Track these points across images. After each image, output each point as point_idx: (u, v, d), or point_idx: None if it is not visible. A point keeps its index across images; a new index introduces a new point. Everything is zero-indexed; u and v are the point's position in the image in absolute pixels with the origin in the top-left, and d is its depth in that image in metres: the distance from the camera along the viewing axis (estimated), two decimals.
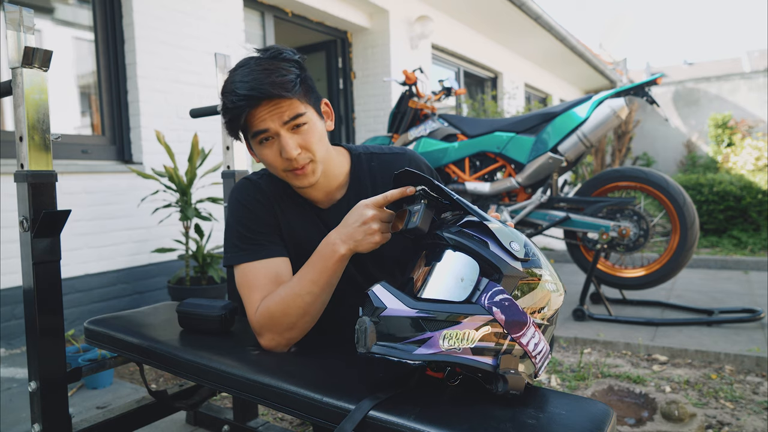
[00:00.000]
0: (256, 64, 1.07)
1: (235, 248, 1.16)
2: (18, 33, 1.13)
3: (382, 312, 0.83)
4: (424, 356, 0.82)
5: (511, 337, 0.83)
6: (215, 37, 3.85)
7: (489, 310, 0.82)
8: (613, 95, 3.07)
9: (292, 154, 1.07)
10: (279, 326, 1.08)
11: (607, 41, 16.03)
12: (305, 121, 1.08)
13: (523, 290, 0.84)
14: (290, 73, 1.06)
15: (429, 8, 6.30)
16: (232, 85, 1.06)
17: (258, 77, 1.04)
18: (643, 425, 1.76)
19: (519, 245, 0.85)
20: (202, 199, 3.10)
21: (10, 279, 2.76)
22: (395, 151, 1.27)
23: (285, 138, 1.07)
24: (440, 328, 0.82)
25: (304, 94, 1.09)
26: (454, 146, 3.45)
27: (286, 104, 1.06)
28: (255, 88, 1.03)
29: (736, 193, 5.76)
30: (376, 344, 0.84)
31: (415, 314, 0.82)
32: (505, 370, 0.83)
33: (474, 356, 0.82)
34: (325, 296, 1.08)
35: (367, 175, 1.23)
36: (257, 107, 1.05)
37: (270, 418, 1.88)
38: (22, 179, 1.16)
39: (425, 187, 0.96)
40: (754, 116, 10.42)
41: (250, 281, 1.13)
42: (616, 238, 3.02)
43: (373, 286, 0.87)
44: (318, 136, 1.11)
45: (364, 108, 5.85)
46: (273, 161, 1.10)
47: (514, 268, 0.84)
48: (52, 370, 1.20)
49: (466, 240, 0.87)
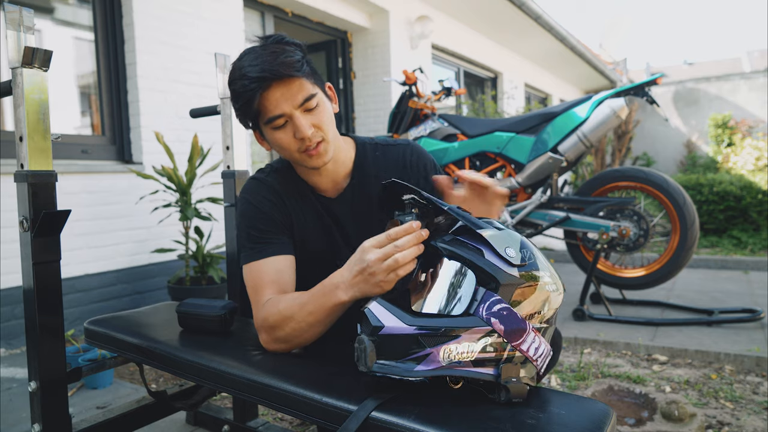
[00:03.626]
0: (261, 49, 1.08)
1: (244, 248, 1.18)
2: (18, 33, 1.13)
3: (380, 331, 0.83)
4: (425, 372, 0.82)
5: (511, 345, 0.83)
6: (215, 37, 3.85)
7: (487, 321, 0.81)
8: (613, 95, 3.07)
9: (307, 133, 1.08)
10: (272, 336, 1.09)
11: (607, 41, 16.06)
12: (317, 102, 1.10)
13: (521, 297, 0.84)
14: (296, 54, 1.08)
15: (429, 8, 6.29)
16: (241, 71, 1.07)
17: (266, 59, 1.05)
18: (643, 425, 1.76)
19: (515, 250, 0.84)
20: (201, 199, 3.10)
21: (10, 279, 2.76)
22: (399, 143, 1.29)
23: (299, 118, 1.08)
24: (439, 344, 0.81)
25: (311, 75, 1.11)
26: (454, 146, 3.45)
27: (296, 86, 1.07)
28: (265, 70, 1.04)
29: (736, 193, 5.76)
30: (376, 363, 0.84)
31: (414, 331, 0.82)
32: (507, 379, 0.83)
33: (475, 368, 0.83)
34: (322, 328, 1.05)
35: (371, 165, 1.25)
36: (269, 90, 1.06)
37: (270, 418, 1.87)
38: (22, 179, 1.16)
39: (414, 196, 0.93)
40: (754, 116, 10.42)
41: (255, 279, 1.14)
42: (616, 238, 3.02)
43: (369, 303, 0.86)
44: (328, 117, 1.13)
45: (364, 108, 5.85)
46: (287, 144, 1.11)
47: (510, 276, 0.82)
48: (52, 370, 1.20)
49: (461, 249, 0.85)
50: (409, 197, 0.94)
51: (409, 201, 0.95)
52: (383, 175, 1.22)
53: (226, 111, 1.66)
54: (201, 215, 3.05)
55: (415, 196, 0.93)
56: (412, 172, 1.25)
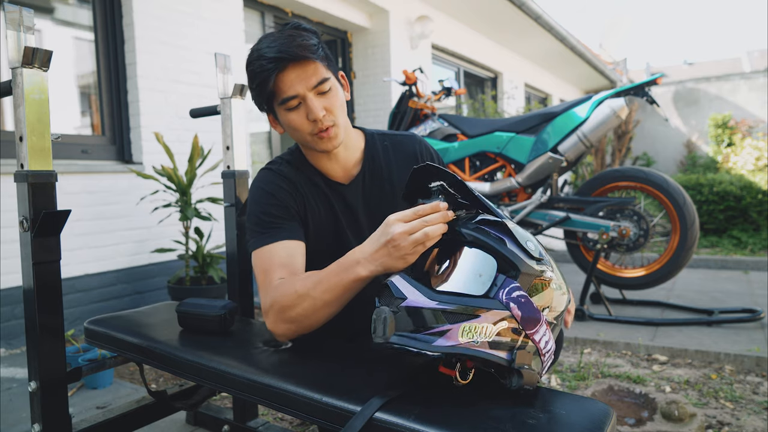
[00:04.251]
0: (278, 34, 1.13)
1: (254, 234, 1.17)
2: (18, 33, 1.13)
3: (401, 303, 0.83)
4: (444, 348, 0.82)
5: (526, 333, 0.84)
6: (215, 37, 3.85)
7: (507, 305, 0.83)
8: (613, 95, 3.07)
9: (319, 115, 1.11)
10: (283, 316, 1.05)
11: (607, 41, 16.06)
12: (330, 86, 1.13)
13: (536, 288, 0.86)
14: (312, 39, 1.13)
15: (429, 8, 6.29)
16: (259, 52, 1.12)
17: (284, 42, 1.10)
18: (643, 425, 1.76)
19: (534, 245, 0.88)
20: (201, 199, 3.10)
21: (10, 279, 2.76)
22: (405, 134, 1.34)
23: (311, 100, 1.11)
24: (459, 321, 0.82)
25: (326, 59, 1.15)
26: (454, 146, 3.45)
27: (311, 68, 1.11)
28: (282, 51, 1.09)
29: (736, 193, 5.76)
30: (395, 334, 0.83)
31: (436, 305, 0.83)
32: (520, 365, 0.84)
33: (491, 350, 0.83)
34: (337, 306, 1.03)
35: (380, 153, 1.28)
36: (285, 71, 1.10)
37: (270, 418, 1.87)
38: (22, 179, 1.16)
39: (444, 183, 0.93)
40: (754, 116, 10.42)
41: (264, 263, 1.13)
42: (616, 238, 3.02)
43: (392, 277, 0.87)
44: (340, 102, 1.16)
45: (364, 108, 5.85)
46: (300, 125, 1.14)
47: (530, 266, 0.85)
48: (52, 370, 1.20)
49: (485, 237, 0.88)
50: (437, 184, 0.94)
51: (437, 188, 0.94)
52: (393, 161, 1.27)
53: (226, 111, 1.66)
54: (201, 215, 3.05)
55: (444, 182, 0.93)
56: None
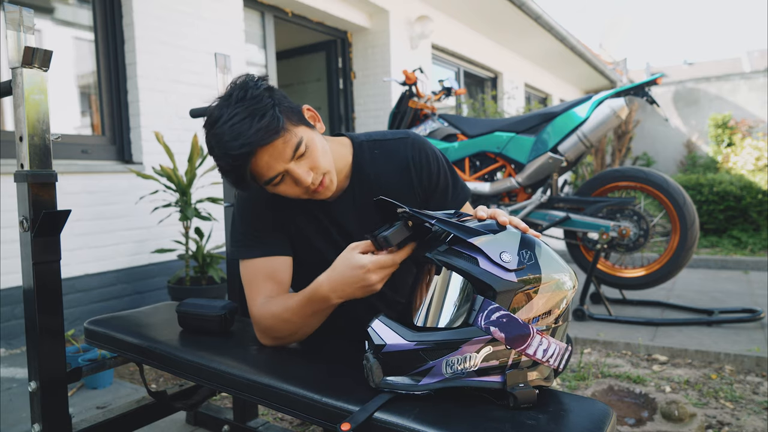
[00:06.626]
0: (230, 116, 1.02)
1: (239, 243, 1.20)
2: (18, 33, 1.12)
3: (383, 349, 0.86)
4: (431, 385, 0.85)
5: (517, 351, 0.83)
6: (215, 37, 3.85)
7: (486, 330, 0.81)
8: (613, 95, 3.07)
9: (307, 181, 1.06)
10: (266, 335, 1.15)
11: (607, 41, 16.05)
12: (306, 146, 1.06)
13: (521, 301, 0.83)
14: (267, 109, 1.02)
15: (429, 8, 6.29)
16: (221, 147, 1.03)
17: (241, 130, 1.01)
18: (643, 425, 1.76)
19: (510, 254, 0.83)
20: (201, 199, 3.10)
21: (10, 279, 2.76)
22: (398, 136, 1.25)
23: (295, 170, 1.06)
24: (440, 357, 0.83)
25: (288, 119, 1.05)
26: (454, 146, 3.45)
27: (280, 144, 1.03)
28: (245, 144, 1.00)
29: (736, 193, 5.76)
30: (383, 379, 0.87)
31: (414, 347, 0.84)
32: (513, 386, 0.83)
33: (480, 377, 0.83)
34: (318, 322, 1.11)
35: (369, 164, 1.22)
36: (256, 156, 1.03)
37: (270, 418, 1.87)
38: (22, 179, 1.15)
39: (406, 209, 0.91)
40: (754, 116, 10.42)
41: (250, 277, 1.18)
42: (616, 238, 3.02)
43: (372, 322, 0.89)
44: (321, 151, 1.09)
45: (364, 108, 5.85)
46: (292, 192, 1.10)
47: (507, 282, 0.81)
48: (52, 370, 1.20)
49: (455, 260, 0.85)
50: (402, 210, 0.93)
51: (403, 214, 0.94)
52: (383, 172, 1.21)
53: None
54: (201, 215, 3.04)
55: (406, 208, 0.91)
56: (415, 172, 1.21)
